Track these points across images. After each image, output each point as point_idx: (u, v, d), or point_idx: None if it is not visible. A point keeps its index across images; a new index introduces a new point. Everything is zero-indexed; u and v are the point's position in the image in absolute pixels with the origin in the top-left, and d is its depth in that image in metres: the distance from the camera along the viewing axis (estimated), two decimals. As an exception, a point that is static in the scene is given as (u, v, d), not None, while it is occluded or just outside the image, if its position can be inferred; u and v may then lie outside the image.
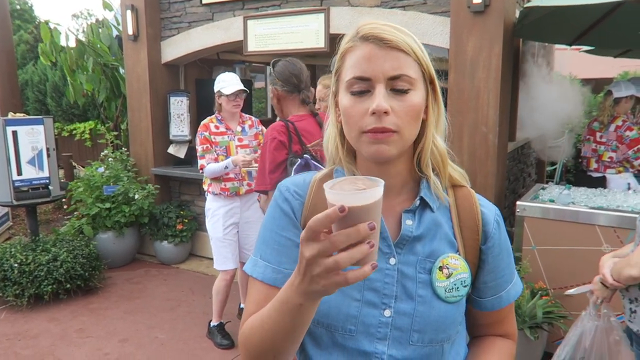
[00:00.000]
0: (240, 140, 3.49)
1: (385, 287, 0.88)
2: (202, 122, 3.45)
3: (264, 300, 0.83)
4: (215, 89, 3.41)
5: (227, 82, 3.37)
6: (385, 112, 0.81)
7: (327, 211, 0.63)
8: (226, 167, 3.29)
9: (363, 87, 0.83)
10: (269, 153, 2.16)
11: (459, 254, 0.92)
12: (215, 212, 3.41)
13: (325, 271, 0.65)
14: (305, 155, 2.15)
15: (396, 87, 0.83)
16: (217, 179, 3.37)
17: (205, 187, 3.47)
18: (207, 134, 3.39)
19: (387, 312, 0.87)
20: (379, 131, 0.82)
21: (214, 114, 3.51)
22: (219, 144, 3.41)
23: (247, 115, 3.62)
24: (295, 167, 2.10)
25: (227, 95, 3.35)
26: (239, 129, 3.50)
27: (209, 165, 3.34)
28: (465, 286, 0.91)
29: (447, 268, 0.89)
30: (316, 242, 0.65)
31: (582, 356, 1.99)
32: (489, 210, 0.97)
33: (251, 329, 0.83)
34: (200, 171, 3.41)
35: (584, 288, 2.09)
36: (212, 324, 3.49)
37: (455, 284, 0.89)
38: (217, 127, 3.43)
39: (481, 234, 0.94)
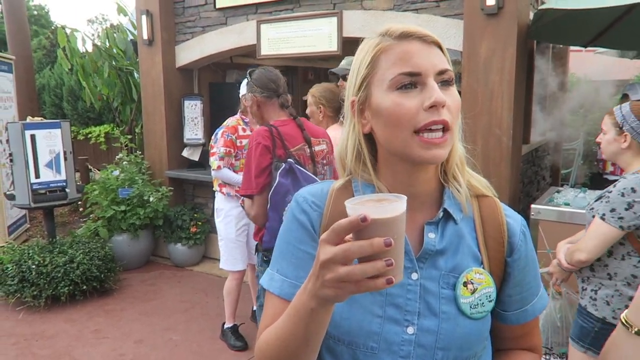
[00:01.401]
0: None
1: (408, 303, 0.84)
2: (229, 124, 3.43)
3: (281, 315, 0.81)
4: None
5: None
6: (443, 106, 0.80)
7: (350, 218, 0.63)
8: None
9: (410, 82, 0.81)
10: (255, 158, 2.21)
11: (484, 267, 0.88)
12: (229, 212, 3.42)
13: (336, 279, 0.64)
14: (289, 160, 2.20)
15: (443, 80, 0.82)
16: None
17: (216, 186, 3.49)
18: (234, 137, 3.38)
19: (410, 329, 0.84)
20: (438, 123, 0.79)
21: (235, 115, 3.49)
22: (244, 147, 3.40)
23: None
24: (280, 171, 2.16)
25: None
26: None
27: (225, 170, 3.34)
28: (490, 301, 0.87)
29: (472, 283, 0.86)
30: (334, 246, 0.64)
31: (546, 326, 2.31)
32: (515, 221, 0.93)
33: (266, 342, 0.82)
34: (214, 171, 3.39)
35: (543, 270, 2.32)
36: (225, 325, 3.52)
37: (480, 300, 0.86)
38: (243, 130, 3.44)
39: (507, 246, 0.90)
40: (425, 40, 0.82)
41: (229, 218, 3.43)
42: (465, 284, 0.86)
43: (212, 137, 3.47)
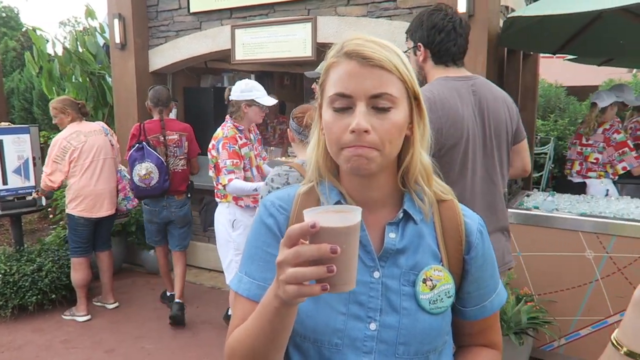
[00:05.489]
0: (255, 149, 3.41)
1: (370, 301, 0.88)
2: (227, 134, 3.22)
3: (249, 316, 0.84)
4: (246, 97, 3.23)
5: (262, 92, 3.25)
6: (366, 131, 0.82)
7: (302, 223, 0.68)
8: (256, 190, 3.08)
9: (344, 103, 0.84)
10: (128, 140, 3.79)
11: (443, 265, 0.92)
12: (247, 223, 3.28)
13: (284, 280, 0.68)
14: (143, 142, 3.69)
15: (377, 105, 0.83)
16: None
17: (230, 198, 3.27)
18: (236, 147, 3.20)
19: (373, 326, 0.88)
20: (359, 148, 0.83)
21: (224, 122, 3.32)
22: (245, 157, 3.26)
23: None
24: (134, 148, 3.70)
25: (261, 106, 3.26)
26: (252, 137, 3.42)
27: (236, 181, 3.11)
28: (449, 297, 0.92)
29: (431, 280, 0.90)
30: (288, 249, 0.69)
31: None
32: (473, 221, 0.97)
33: (236, 340, 0.86)
34: (223, 186, 3.17)
35: None
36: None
37: (439, 295, 0.90)
38: (240, 138, 3.26)
39: (464, 244, 0.95)
40: (365, 62, 0.83)
41: (247, 230, 3.30)
42: (424, 281, 0.90)
43: (211, 150, 3.27)
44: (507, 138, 1.98)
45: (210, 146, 3.30)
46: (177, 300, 3.85)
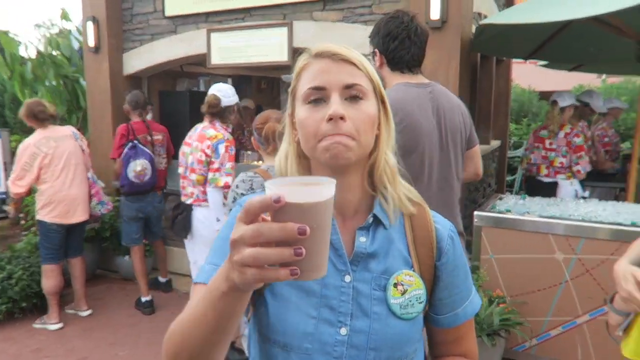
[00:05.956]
0: None
1: (341, 305, 0.87)
2: (227, 137, 3.22)
3: None
4: (234, 101, 3.37)
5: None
6: (342, 118, 0.84)
7: (263, 196, 0.60)
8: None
9: (318, 96, 0.86)
10: (117, 139, 3.98)
11: (414, 271, 0.92)
12: None
13: (240, 261, 0.60)
14: (134, 141, 3.94)
15: (351, 95, 0.86)
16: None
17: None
18: (233, 151, 3.22)
19: (343, 330, 0.87)
20: (336, 136, 0.84)
21: (204, 122, 3.31)
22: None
23: None
24: (128, 147, 3.91)
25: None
26: None
27: (221, 196, 3.13)
28: (420, 302, 0.91)
29: (402, 284, 0.90)
30: (245, 225, 0.61)
31: None
32: (443, 227, 0.97)
33: (175, 324, 0.80)
34: (215, 188, 3.13)
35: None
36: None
37: (410, 301, 0.90)
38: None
39: (435, 251, 0.95)
40: (334, 58, 0.88)
41: None
42: (395, 285, 0.90)
43: (205, 149, 3.19)
44: (461, 144, 2.07)
45: (205, 146, 3.20)
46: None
